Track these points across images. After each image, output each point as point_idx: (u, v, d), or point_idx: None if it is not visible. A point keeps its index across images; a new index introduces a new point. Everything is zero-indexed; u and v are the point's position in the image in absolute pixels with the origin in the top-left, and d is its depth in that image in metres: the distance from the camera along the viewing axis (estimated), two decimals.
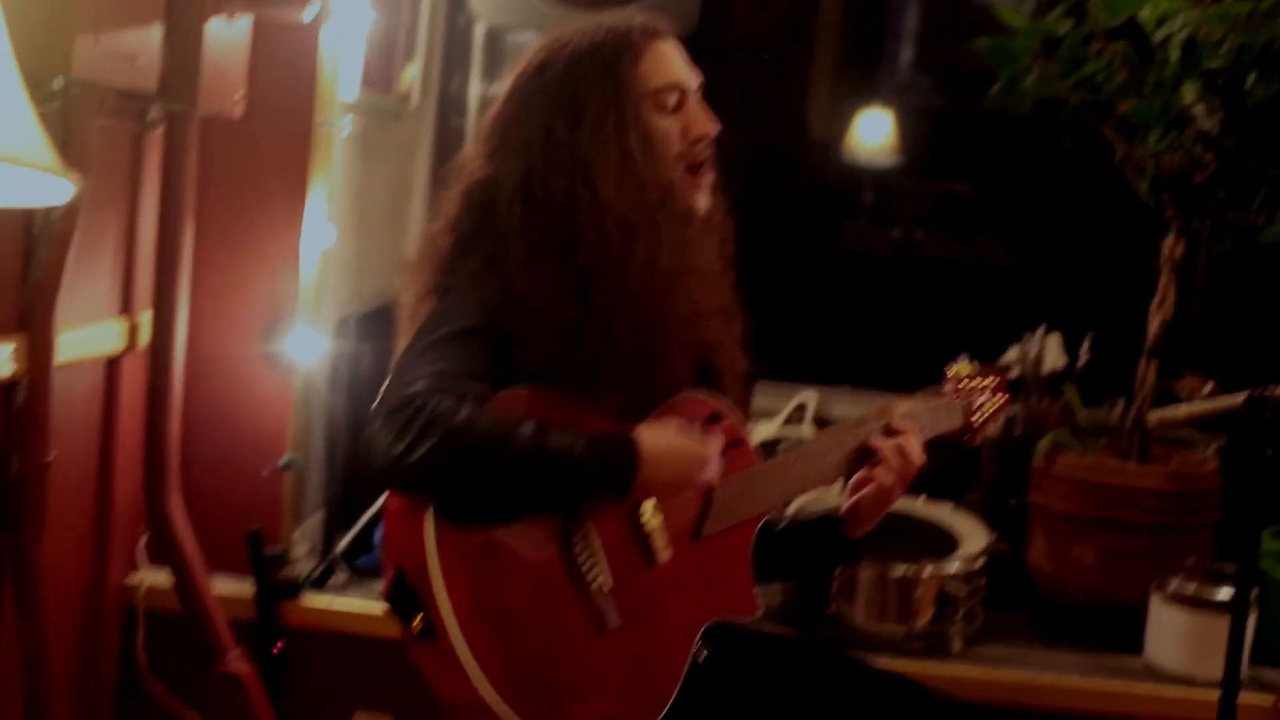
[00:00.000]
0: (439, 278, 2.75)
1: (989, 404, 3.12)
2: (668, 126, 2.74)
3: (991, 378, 3.14)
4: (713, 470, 2.66)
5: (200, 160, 3.87)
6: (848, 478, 2.95)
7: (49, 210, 3.22)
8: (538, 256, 2.63)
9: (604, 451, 2.50)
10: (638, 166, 2.67)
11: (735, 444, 2.80)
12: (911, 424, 2.91)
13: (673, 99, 2.76)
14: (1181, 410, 2.95)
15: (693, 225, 2.77)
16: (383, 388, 2.52)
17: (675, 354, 2.73)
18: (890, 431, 2.89)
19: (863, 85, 6.11)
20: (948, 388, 3.11)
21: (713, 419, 2.77)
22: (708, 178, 2.82)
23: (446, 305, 2.66)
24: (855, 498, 2.94)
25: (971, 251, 5.98)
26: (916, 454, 2.89)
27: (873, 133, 6.03)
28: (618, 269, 2.63)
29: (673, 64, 2.79)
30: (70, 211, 3.24)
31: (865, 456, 2.89)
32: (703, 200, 2.80)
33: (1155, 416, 2.98)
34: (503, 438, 2.40)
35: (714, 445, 2.67)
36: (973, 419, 3.09)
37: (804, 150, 6.08)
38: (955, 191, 6.06)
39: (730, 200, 2.88)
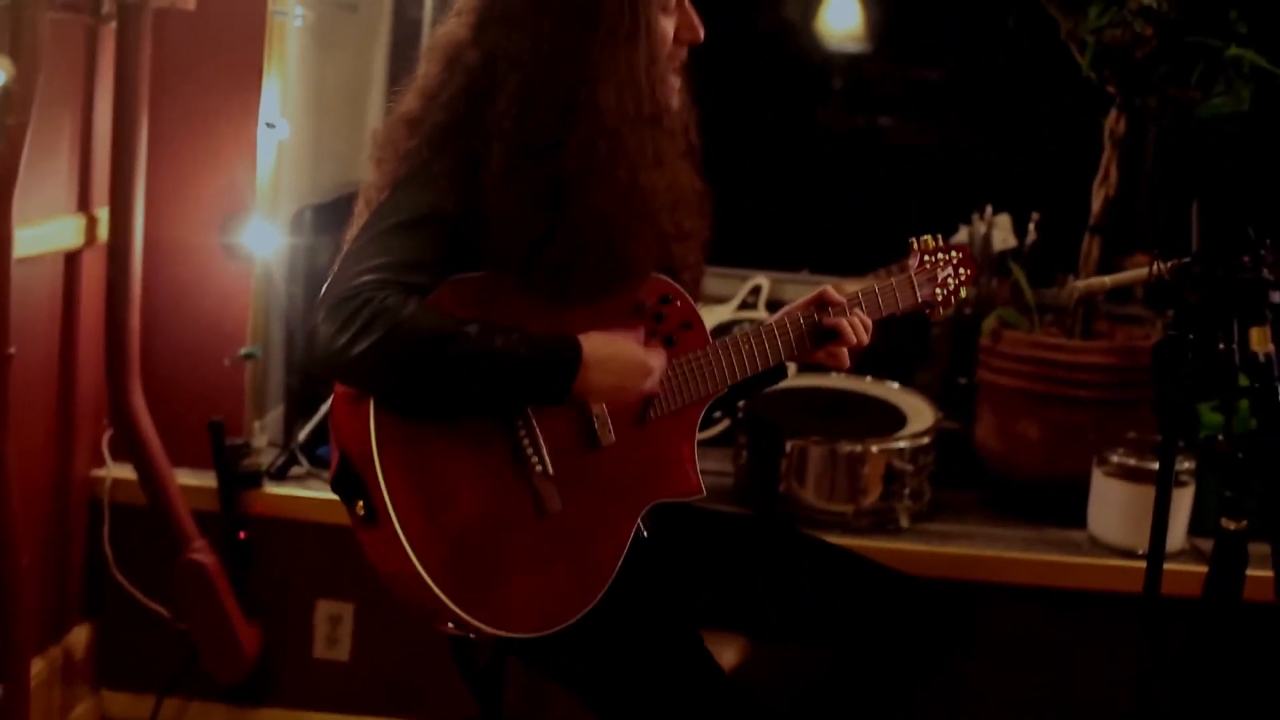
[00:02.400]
0: (404, 159, 2.68)
1: (953, 277, 3.12)
2: (666, 28, 2.69)
3: (956, 251, 3.14)
4: (654, 381, 2.68)
5: (154, 54, 3.88)
6: (803, 357, 2.98)
7: (2, 105, 3.23)
8: (520, 163, 2.58)
9: (547, 356, 2.52)
10: (639, 78, 2.62)
11: (686, 325, 2.82)
12: (864, 312, 2.95)
13: (673, 1, 2.71)
14: (1107, 280, 2.99)
15: (674, 139, 2.75)
16: (330, 276, 2.53)
17: (641, 267, 2.72)
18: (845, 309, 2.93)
19: None
20: (913, 262, 3.10)
21: (664, 300, 2.78)
22: (682, 78, 2.78)
23: (403, 194, 2.62)
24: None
25: (922, 134, 5.98)
26: (866, 333, 2.94)
27: (841, 18, 6.02)
28: (600, 181, 2.60)
29: None
30: (23, 106, 3.26)
31: (823, 335, 2.94)
32: (676, 100, 2.75)
33: (1081, 285, 3.04)
34: (446, 336, 2.42)
35: (657, 357, 2.70)
36: (937, 291, 3.09)
37: (771, 31, 6.07)
38: (918, 75, 6.06)
39: (701, 90, 2.85)
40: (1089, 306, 4.29)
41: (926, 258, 3.10)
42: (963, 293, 3.14)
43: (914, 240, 3.12)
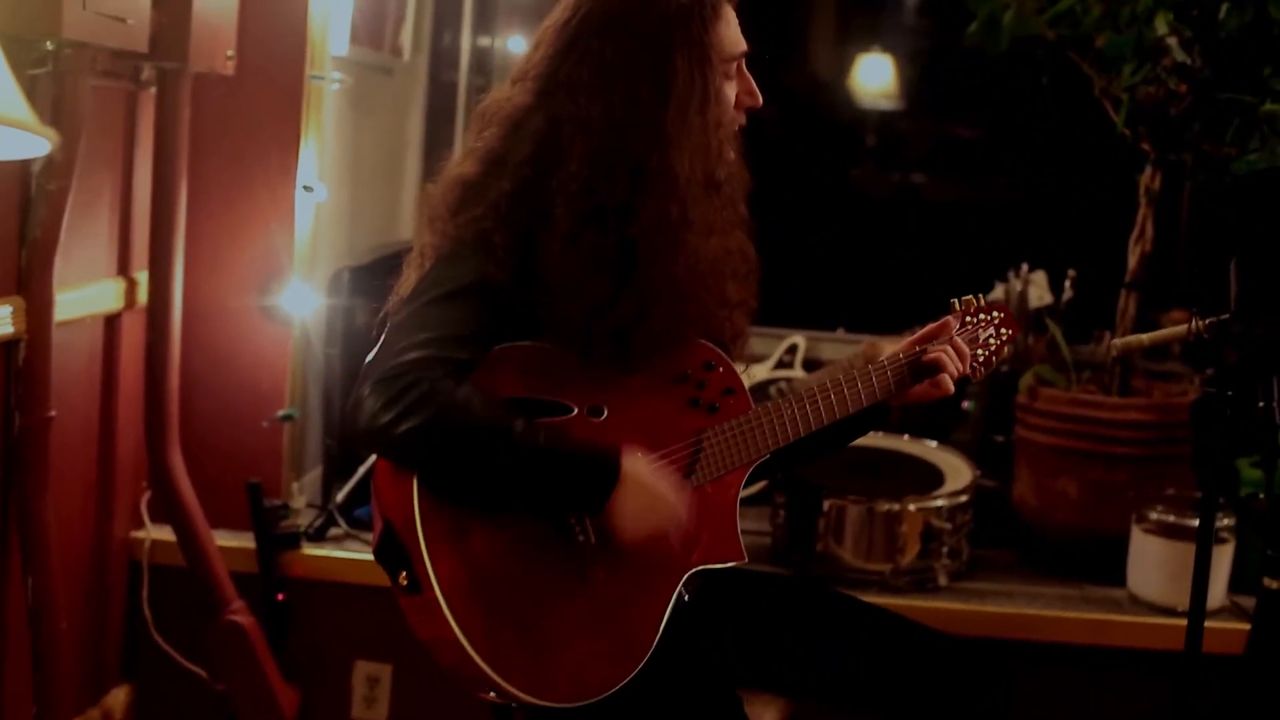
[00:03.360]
0: (466, 225, 2.63)
1: (994, 337, 3.11)
2: (730, 94, 2.71)
3: (998, 312, 3.12)
4: (679, 525, 2.62)
5: (193, 118, 3.90)
6: (875, 409, 2.97)
7: (44, 170, 3.27)
8: (584, 228, 2.56)
9: (586, 469, 2.51)
10: (709, 144, 2.63)
11: (729, 392, 2.79)
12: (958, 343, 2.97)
13: (735, 67, 2.72)
14: (1145, 338, 2.98)
15: (734, 206, 2.73)
16: (376, 346, 2.52)
17: (697, 334, 2.72)
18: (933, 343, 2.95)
19: (863, 28, 6.12)
20: (954, 321, 3.06)
21: (707, 366, 2.76)
22: (738, 148, 2.77)
23: (453, 263, 2.61)
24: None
25: (957, 191, 5.99)
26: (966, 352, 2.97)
27: (874, 76, 6.04)
28: (668, 246, 2.59)
29: (737, 29, 2.74)
30: (65, 171, 3.30)
31: (920, 373, 2.93)
32: (734, 166, 2.73)
33: (1120, 344, 3.03)
34: (492, 432, 2.42)
35: (687, 503, 2.63)
36: (979, 352, 3.08)
37: (807, 92, 6.10)
38: (952, 133, 6.08)
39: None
40: (1126, 363, 4.28)
41: (969, 319, 3.09)
42: (1005, 352, 3.13)
43: (955, 301, 3.10)
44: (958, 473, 4.29)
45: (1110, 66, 4.17)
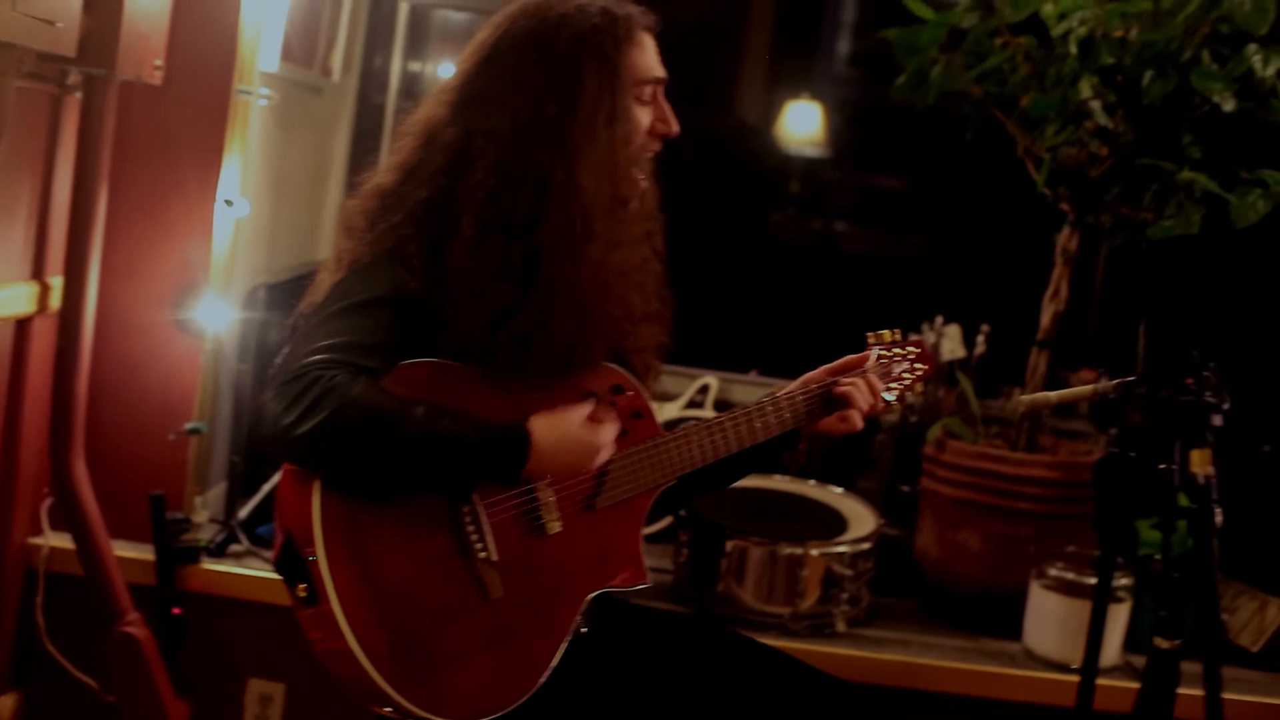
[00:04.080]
0: (384, 233, 2.67)
1: (909, 373, 3.13)
2: (641, 117, 2.75)
3: (913, 347, 3.15)
4: (605, 456, 2.70)
5: (117, 126, 3.88)
6: (784, 438, 3.00)
7: None
8: (488, 236, 2.61)
9: (495, 441, 2.54)
10: (615, 159, 2.67)
11: (637, 415, 2.83)
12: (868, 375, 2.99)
13: (649, 91, 2.76)
14: (1052, 396, 3.01)
15: (641, 222, 2.79)
16: (282, 353, 2.54)
17: (600, 349, 2.75)
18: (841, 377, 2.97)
19: (796, 74, 6.15)
20: (871, 355, 3.11)
21: (615, 390, 2.80)
22: (652, 167, 2.83)
23: (359, 272, 2.65)
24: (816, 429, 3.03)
25: (877, 241, 6.03)
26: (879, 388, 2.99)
27: (802, 123, 6.06)
28: (570, 256, 2.63)
29: (654, 55, 2.79)
30: None
31: (831, 404, 2.96)
32: (643, 186, 2.78)
33: (1027, 400, 3.06)
34: (394, 418, 2.43)
35: (607, 434, 2.71)
36: (891, 385, 3.10)
37: (733, 133, 6.12)
38: (875, 184, 6.12)
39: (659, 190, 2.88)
40: (1033, 420, 4.32)
41: (884, 353, 3.12)
42: (919, 388, 3.15)
43: (870, 335, 3.13)
44: (862, 520, 4.31)
45: (1034, 126, 4.21)
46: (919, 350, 3.16)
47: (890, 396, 3.10)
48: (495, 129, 2.64)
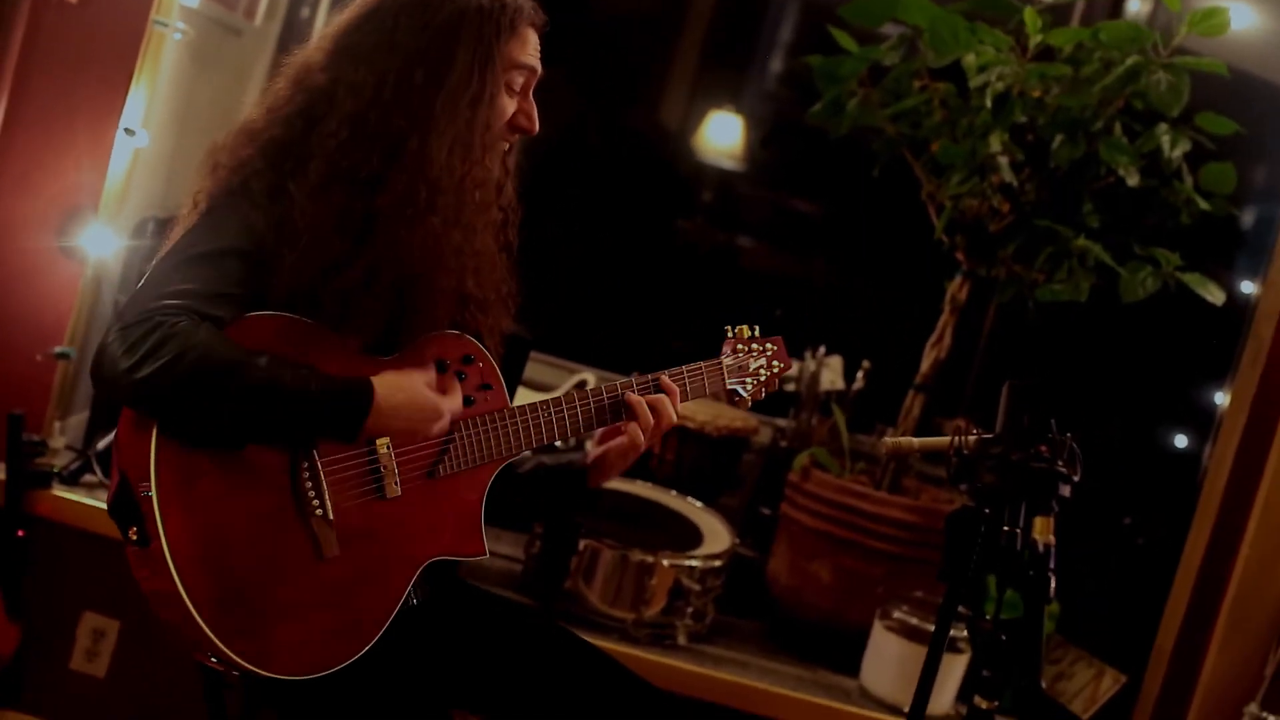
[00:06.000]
0: (236, 169, 2.67)
1: (765, 369, 3.13)
2: (506, 105, 2.77)
3: (771, 344, 3.15)
4: (445, 424, 2.70)
5: (26, 39, 3.84)
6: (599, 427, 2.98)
7: None
8: (333, 185, 2.61)
9: (336, 395, 2.53)
10: (471, 140, 2.69)
11: (486, 387, 2.83)
12: (673, 385, 2.97)
13: (520, 81, 2.78)
14: (915, 442, 3.02)
15: (488, 210, 2.79)
16: (129, 297, 2.52)
17: (441, 317, 2.74)
18: (649, 388, 2.95)
19: (723, 85, 6.14)
20: (726, 349, 3.12)
21: (466, 360, 2.80)
22: (509, 159, 2.85)
23: (210, 220, 2.63)
24: (603, 448, 2.98)
25: (781, 262, 6.03)
26: (671, 413, 2.94)
27: (723, 134, 6.05)
28: (408, 224, 2.63)
29: (533, 48, 2.80)
30: None
31: (619, 410, 2.94)
32: (496, 174, 2.80)
33: (890, 442, 3.07)
34: (235, 366, 2.42)
35: (451, 401, 2.71)
36: (747, 382, 3.10)
37: (651, 135, 6.10)
38: (786, 204, 6.12)
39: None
40: (900, 461, 4.34)
41: (740, 347, 3.13)
42: (775, 384, 3.15)
43: (729, 329, 3.15)
44: (717, 536, 4.32)
45: (940, 173, 4.25)
46: (776, 347, 3.17)
47: (744, 391, 3.10)
48: (360, 83, 2.65)
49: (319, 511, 2.57)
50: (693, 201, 6.04)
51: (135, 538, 2.46)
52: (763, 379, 3.13)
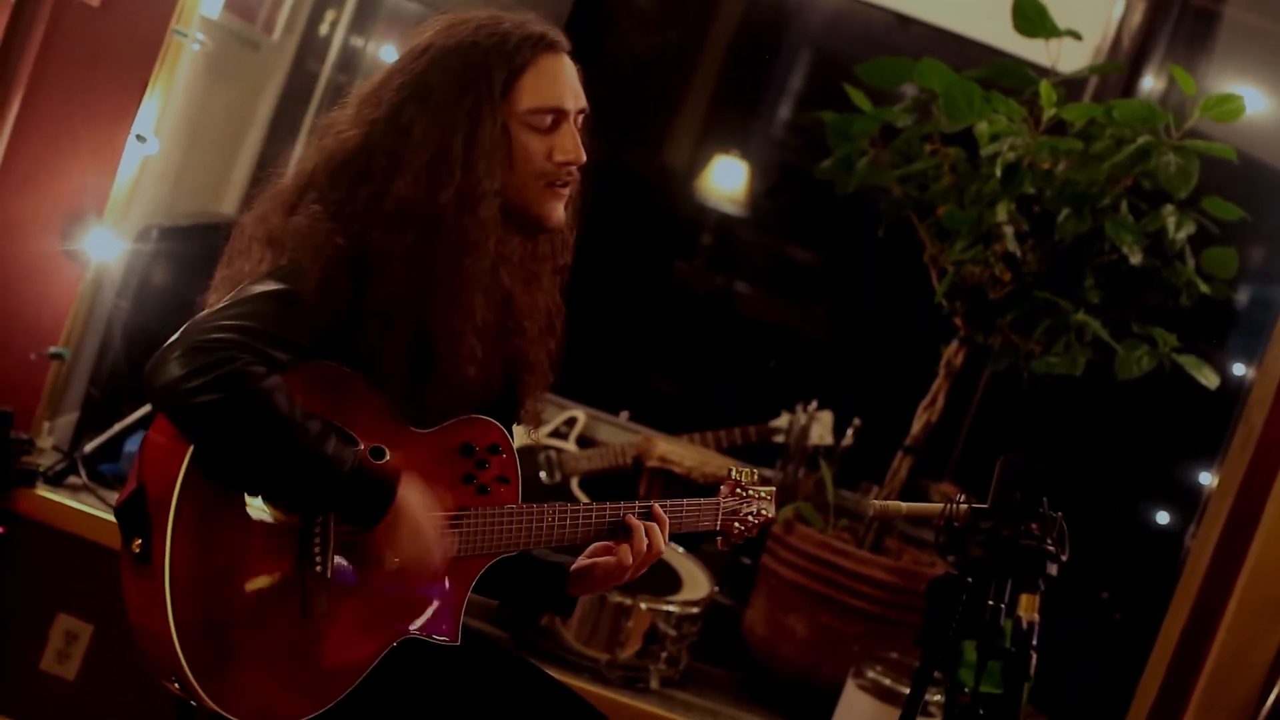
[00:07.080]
0: (276, 230, 2.63)
1: (754, 516, 3.13)
2: (534, 146, 2.69)
3: (766, 494, 3.15)
4: (429, 568, 2.65)
5: (45, 39, 3.83)
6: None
7: None
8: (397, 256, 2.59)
9: (362, 488, 2.52)
10: (476, 179, 2.64)
11: (504, 481, 2.79)
12: (664, 516, 2.95)
13: (546, 120, 2.70)
14: (903, 507, 3.03)
15: (531, 245, 2.77)
16: (203, 311, 2.51)
17: (462, 359, 2.69)
18: (647, 515, 2.93)
19: (730, 130, 6.15)
20: (725, 490, 3.06)
21: (493, 449, 2.77)
22: (566, 193, 2.74)
23: (290, 269, 2.57)
24: (591, 561, 2.96)
25: (779, 311, 6.04)
26: (662, 545, 2.93)
27: (727, 179, 6.05)
28: (402, 262, 2.60)
29: (555, 84, 2.73)
30: None
31: (619, 529, 2.92)
32: (556, 214, 2.74)
33: (878, 505, 3.07)
34: (289, 424, 2.42)
35: (446, 551, 2.66)
36: (735, 526, 3.10)
37: (655, 176, 6.11)
38: (786, 253, 6.13)
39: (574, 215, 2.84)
40: (885, 521, 4.34)
41: (739, 490, 3.11)
42: (754, 533, 3.15)
43: (732, 469, 3.13)
44: (697, 583, 4.32)
45: (945, 237, 4.26)
46: (770, 495, 3.15)
47: (730, 533, 3.10)
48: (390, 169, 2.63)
49: (318, 568, 2.56)
50: (693, 244, 6.05)
51: (138, 551, 2.45)
52: (749, 525, 3.12)
